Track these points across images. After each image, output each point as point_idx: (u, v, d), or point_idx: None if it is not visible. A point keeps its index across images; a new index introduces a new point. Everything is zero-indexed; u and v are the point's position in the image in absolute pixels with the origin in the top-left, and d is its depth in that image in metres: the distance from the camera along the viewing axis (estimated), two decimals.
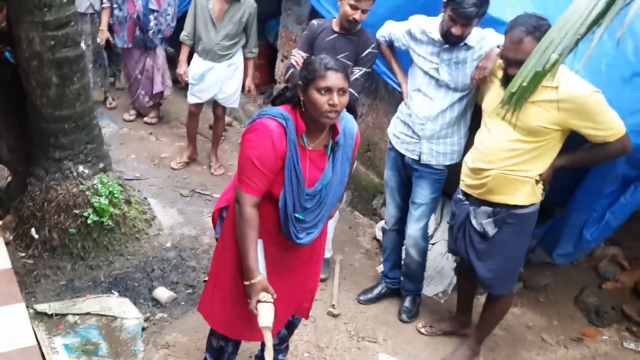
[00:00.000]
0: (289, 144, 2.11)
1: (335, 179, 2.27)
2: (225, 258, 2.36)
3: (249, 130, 2.14)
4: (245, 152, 2.12)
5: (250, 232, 2.14)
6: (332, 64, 2.08)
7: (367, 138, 4.59)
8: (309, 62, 2.13)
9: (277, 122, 2.10)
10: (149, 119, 5.75)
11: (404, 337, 3.37)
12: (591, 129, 2.51)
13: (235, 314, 2.39)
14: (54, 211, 3.50)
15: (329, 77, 2.05)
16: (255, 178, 2.11)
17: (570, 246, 3.14)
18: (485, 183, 2.72)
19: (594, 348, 3.47)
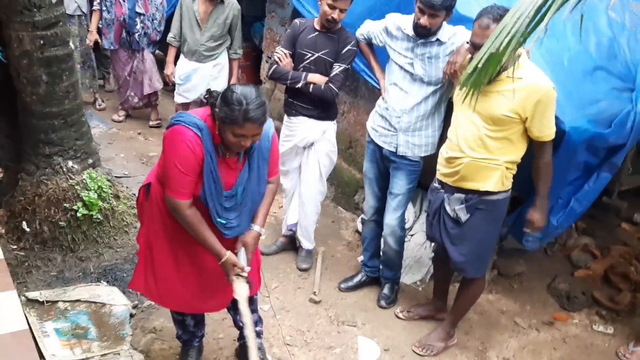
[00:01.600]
0: (205, 152, 2.24)
1: (253, 180, 2.42)
2: (156, 233, 2.48)
3: (167, 139, 2.25)
4: (168, 161, 2.24)
5: (199, 226, 2.32)
6: (252, 114, 2.11)
7: (348, 135, 4.74)
8: (230, 101, 2.12)
9: (192, 132, 2.20)
10: (153, 122, 5.86)
11: (382, 322, 3.51)
12: (537, 124, 2.69)
13: (182, 291, 2.54)
14: (44, 205, 3.62)
15: (246, 127, 2.15)
16: (184, 183, 2.25)
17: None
18: (458, 171, 2.88)
19: (564, 331, 3.63)
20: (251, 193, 2.44)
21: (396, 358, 3.23)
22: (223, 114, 2.14)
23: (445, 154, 2.98)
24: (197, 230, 2.32)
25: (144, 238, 2.57)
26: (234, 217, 2.41)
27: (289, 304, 3.54)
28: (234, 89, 2.17)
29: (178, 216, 2.31)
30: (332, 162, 3.86)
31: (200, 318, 2.84)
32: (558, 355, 3.42)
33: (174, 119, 2.27)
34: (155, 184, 2.44)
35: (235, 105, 2.11)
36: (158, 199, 2.41)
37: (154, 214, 2.45)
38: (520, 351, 3.41)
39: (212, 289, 2.54)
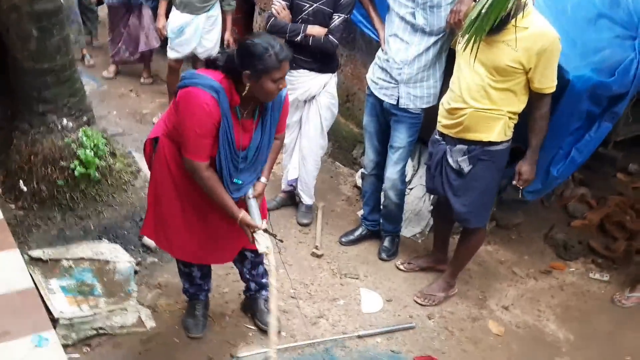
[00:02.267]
0: (222, 114, 2.24)
1: (264, 141, 2.45)
2: (164, 186, 2.50)
3: (181, 101, 2.24)
4: (185, 124, 2.24)
5: (217, 187, 2.35)
6: (284, 53, 2.18)
7: (346, 89, 4.69)
8: (257, 52, 2.15)
9: (210, 96, 2.19)
10: (144, 80, 5.78)
11: (384, 274, 3.56)
12: (539, 75, 2.68)
13: (190, 241, 2.57)
14: (40, 164, 3.57)
15: (283, 67, 2.19)
16: (202, 146, 2.26)
17: (539, 183, 3.31)
18: (461, 122, 2.86)
19: (561, 279, 3.70)
20: (262, 153, 2.47)
21: (398, 308, 3.29)
22: (261, 66, 2.15)
23: (447, 105, 2.96)
24: (215, 191, 2.34)
25: (152, 189, 2.58)
26: (246, 177, 2.44)
27: (292, 258, 3.57)
28: (249, 42, 2.19)
29: (196, 177, 2.32)
30: (334, 115, 3.83)
31: (207, 270, 2.85)
32: (555, 302, 3.50)
33: (187, 80, 2.25)
34: (163, 138, 2.42)
35: (266, 53, 2.15)
36: (166, 153, 2.41)
37: (162, 167, 2.45)
38: (518, 299, 3.49)
39: (219, 241, 2.55)
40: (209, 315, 2.98)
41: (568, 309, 3.46)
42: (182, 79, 2.28)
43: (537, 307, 3.44)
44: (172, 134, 2.38)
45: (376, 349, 2.97)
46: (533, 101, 2.83)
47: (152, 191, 2.59)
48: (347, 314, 3.19)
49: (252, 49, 2.16)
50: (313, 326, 3.08)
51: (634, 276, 3.69)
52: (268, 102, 2.34)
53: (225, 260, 2.77)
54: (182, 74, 2.34)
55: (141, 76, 5.83)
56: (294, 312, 3.14)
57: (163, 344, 2.81)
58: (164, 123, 2.43)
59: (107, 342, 2.76)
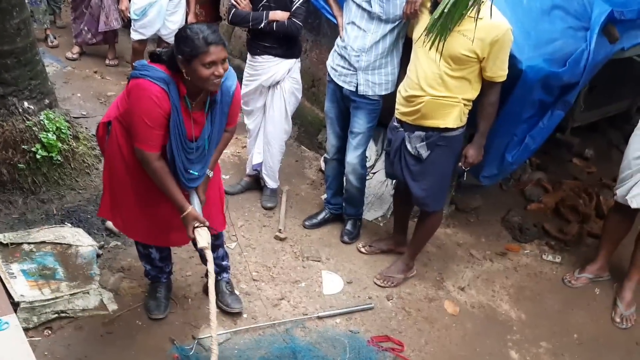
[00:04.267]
0: (172, 105, 2.29)
1: (215, 132, 2.50)
2: (119, 173, 2.53)
3: (132, 92, 2.27)
4: (135, 115, 2.28)
5: (166, 178, 2.39)
6: (213, 37, 2.20)
7: (311, 74, 4.73)
8: (187, 36, 2.19)
9: (159, 87, 2.24)
10: (110, 62, 5.71)
11: (345, 256, 3.65)
12: (491, 64, 2.78)
13: (144, 222, 2.61)
14: (1, 147, 3.53)
15: (211, 52, 2.20)
16: (152, 136, 2.30)
17: (495, 168, 3.43)
18: (419, 109, 2.94)
19: (516, 260, 3.85)
20: (213, 144, 2.52)
21: (358, 290, 3.38)
22: (186, 49, 2.18)
23: (404, 93, 3.03)
24: (164, 181, 2.38)
25: (106, 171, 2.62)
26: (199, 169, 2.49)
27: (255, 242, 3.63)
28: (182, 29, 2.26)
29: (146, 167, 2.36)
30: (298, 99, 3.87)
31: (166, 253, 2.89)
32: (509, 283, 3.64)
33: (138, 72, 2.27)
34: (115, 122, 2.44)
35: (194, 36, 2.18)
36: (118, 136, 2.44)
37: (114, 150, 2.48)
38: (474, 280, 3.62)
39: (175, 222, 2.57)
40: (171, 298, 3.03)
41: (521, 289, 3.60)
42: (134, 69, 2.31)
43: (492, 288, 3.57)
44: (123, 119, 2.40)
45: (335, 329, 3.06)
46: (484, 89, 2.92)
47: (106, 174, 2.62)
48: (308, 296, 3.27)
49: (182, 34, 2.21)
50: (274, 308, 3.15)
51: (585, 258, 3.85)
52: (216, 95, 2.38)
53: (182, 243, 2.79)
54: (135, 64, 2.36)
55: (106, 57, 5.76)
56: (256, 294, 3.20)
57: (125, 326, 2.84)
58: (116, 107, 2.45)
59: (69, 326, 2.79)
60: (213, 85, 2.28)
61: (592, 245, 4.03)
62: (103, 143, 2.58)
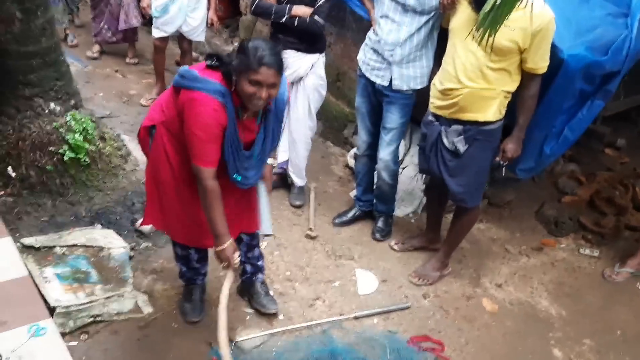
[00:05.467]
0: (229, 117, 2.22)
1: (268, 141, 2.45)
2: (165, 178, 2.47)
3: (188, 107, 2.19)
4: (192, 129, 2.20)
5: (215, 203, 2.31)
6: (268, 59, 2.12)
7: (336, 67, 4.65)
8: (245, 49, 2.14)
9: (217, 101, 2.18)
10: (130, 60, 5.68)
11: (378, 254, 3.58)
12: (533, 55, 2.69)
13: (188, 224, 2.56)
14: (29, 149, 3.50)
15: (261, 72, 2.13)
16: (209, 152, 2.24)
17: (532, 161, 3.33)
18: (457, 102, 2.85)
19: (552, 255, 3.76)
20: (266, 152, 2.49)
21: (393, 289, 3.32)
22: (239, 61, 2.13)
23: (440, 86, 2.94)
24: (212, 205, 2.30)
25: (150, 176, 2.56)
26: (253, 174, 2.46)
27: (286, 241, 3.57)
28: (246, 41, 2.20)
29: (200, 184, 2.29)
30: (322, 96, 3.79)
31: (204, 254, 2.84)
32: (547, 278, 3.55)
33: (190, 82, 2.19)
34: (161, 128, 2.39)
35: (251, 51, 2.12)
36: (165, 141, 2.39)
37: (160, 155, 2.42)
38: (511, 276, 3.53)
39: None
40: (206, 300, 2.98)
41: (560, 285, 3.51)
42: (183, 80, 2.22)
43: (530, 284, 3.49)
44: (170, 125, 2.35)
45: (373, 329, 2.99)
46: (524, 81, 2.83)
47: (150, 178, 2.56)
48: (343, 295, 3.21)
49: (243, 45, 2.16)
50: (310, 308, 3.09)
51: (623, 251, 3.75)
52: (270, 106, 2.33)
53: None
54: (181, 72, 2.27)
55: (126, 56, 5.73)
56: (290, 294, 3.15)
57: (161, 329, 2.80)
58: (161, 111, 2.39)
59: (105, 329, 2.75)
60: (253, 105, 2.22)
61: (630, 238, 3.93)
62: (146, 147, 2.53)
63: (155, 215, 2.62)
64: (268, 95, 2.17)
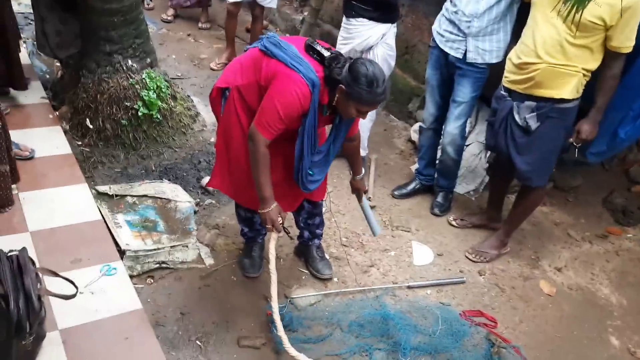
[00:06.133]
0: (311, 108, 2.26)
1: (338, 140, 2.51)
2: (234, 137, 2.52)
3: (280, 80, 2.22)
4: (274, 101, 2.23)
5: (263, 168, 2.36)
6: (381, 97, 2.17)
7: (405, 40, 4.60)
8: (362, 83, 2.12)
9: (308, 88, 2.21)
10: (202, 25, 5.83)
11: (436, 229, 3.57)
12: (619, 33, 2.58)
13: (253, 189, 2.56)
14: (106, 103, 3.68)
15: (374, 106, 2.23)
16: (275, 126, 2.27)
17: (604, 145, 3.22)
18: (533, 77, 2.77)
19: (617, 244, 3.63)
20: (334, 151, 2.54)
21: (449, 263, 3.31)
22: (351, 92, 2.16)
23: (516, 60, 2.86)
24: (262, 170, 2.35)
25: (220, 137, 2.61)
26: (317, 172, 2.51)
27: (344, 208, 3.61)
28: (364, 67, 2.15)
29: (252, 147, 2.33)
30: (390, 67, 3.76)
31: None
32: (610, 267, 3.45)
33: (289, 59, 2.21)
34: (235, 92, 2.42)
35: (366, 87, 2.13)
36: (237, 106, 2.42)
37: (232, 119, 2.47)
38: (572, 262, 3.45)
39: (283, 192, 2.58)
40: (264, 258, 3.07)
41: (623, 274, 3.40)
42: (278, 50, 2.24)
43: (591, 271, 3.40)
44: (246, 89, 2.38)
45: (426, 300, 3.01)
46: (607, 60, 2.72)
47: (220, 139, 2.61)
48: (398, 265, 3.24)
49: (359, 75, 2.13)
50: (364, 274, 3.14)
51: None
52: None
53: (287, 210, 2.79)
54: (275, 40, 2.28)
55: (199, 21, 5.86)
56: (345, 259, 3.20)
57: (221, 281, 2.92)
58: (239, 76, 2.41)
59: (169, 276, 2.89)
60: (350, 117, 2.31)
61: None
62: (217, 107, 2.56)
63: (222, 177, 2.67)
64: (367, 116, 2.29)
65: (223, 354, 2.53)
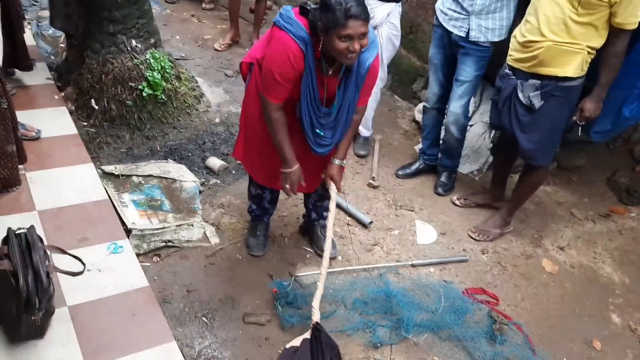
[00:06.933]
0: (306, 66, 2.25)
1: (345, 103, 2.43)
2: (252, 113, 2.54)
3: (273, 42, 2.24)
4: (269, 65, 2.27)
5: (280, 130, 2.40)
6: (354, 10, 2.08)
7: (409, 20, 4.57)
8: (329, 5, 2.09)
9: (298, 47, 2.20)
10: (206, 5, 5.81)
11: (439, 208, 3.59)
12: (623, 9, 2.55)
13: (269, 165, 2.64)
14: (111, 83, 3.69)
15: (350, 25, 2.10)
16: (277, 89, 2.30)
17: (608, 123, 3.22)
18: (537, 55, 2.76)
19: (621, 223, 3.65)
20: (344, 113, 2.47)
21: (452, 242, 3.33)
22: (325, 20, 2.12)
23: (520, 38, 2.85)
24: (278, 131, 2.39)
25: (244, 111, 2.66)
26: (329, 135, 2.49)
27: (348, 188, 3.63)
28: None
29: (265, 113, 2.38)
30: (395, 47, 3.76)
31: (276, 195, 2.93)
32: (613, 245, 3.46)
33: (283, 22, 2.22)
34: (256, 66, 2.44)
35: (336, 6, 2.09)
36: (257, 80, 2.43)
37: (252, 93, 2.49)
38: (575, 240, 3.47)
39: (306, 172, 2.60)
40: (269, 236, 3.10)
41: (626, 252, 3.42)
42: (280, 17, 2.25)
43: (594, 249, 3.42)
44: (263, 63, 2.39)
45: (429, 278, 3.04)
46: (611, 37, 2.70)
47: (243, 113, 2.65)
48: (402, 244, 3.26)
49: (326, 1, 2.12)
50: (368, 253, 3.17)
51: None
52: (354, 65, 2.30)
53: (306, 190, 2.80)
54: (282, 10, 2.29)
55: (203, 1, 5.84)
56: (350, 238, 3.22)
57: (227, 259, 2.96)
58: (259, 50, 2.43)
59: (175, 254, 2.93)
60: (347, 59, 2.21)
61: None
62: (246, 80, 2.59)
63: (241, 150, 2.71)
64: (360, 46, 2.16)
65: (229, 330, 2.58)
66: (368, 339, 2.63)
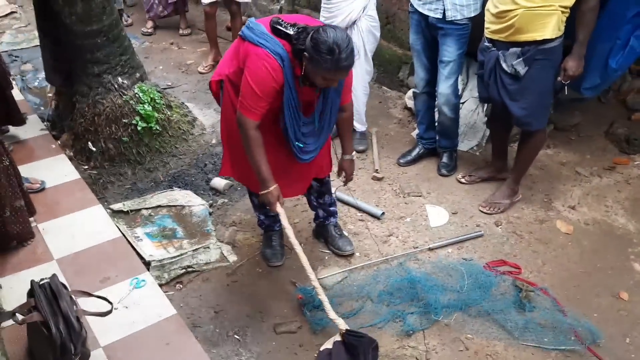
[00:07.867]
0: (285, 81, 2.28)
1: (327, 109, 2.49)
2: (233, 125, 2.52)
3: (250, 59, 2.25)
4: (248, 80, 2.27)
5: (257, 150, 2.39)
6: (344, 64, 2.12)
7: (384, 10, 4.61)
8: (323, 45, 2.09)
9: (276, 62, 2.23)
10: (183, 31, 5.86)
11: (446, 189, 3.62)
12: None
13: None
14: (104, 124, 3.74)
15: (338, 74, 2.19)
16: (257, 105, 2.30)
17: (597, 77, 3.25)
18: (512, 24, 2.79)
19: (626, 173, 3.67)
20: (327, 119, 2.53)
21: (465, 219, 3.36)
22: (314, 61, 2.15)
23: (493, 10, 2.89)
24: (255, 152, 2.39)
25: (223, 128, 2.68)
26: (312, 142, 2.54)
27: (354, 184, 3.66)
28: (325, 34, 2.12)
29: (242, 132, 2.37)
30: (376, 38, 3.79)
31: None
32: (623, 196, 3.49)
33: (257, 37, 2.24)
34: (227, 82, 2.48)
35: (327, 55, 2.10)
36: (231, 95, 2.48)
37: (229, 108, 2.53)
38: (584, 197, 3.49)
39: (292, 174, 2.64)
40: (284, 245, 3.13)
41: (636, 201, 3.45)
42: (250, 32, 2.27)
43: (605, 203, 3.44)
44: (234, 77, 2.42)
45: (448, 258, 3.07)
46: None
47: (224, 131, 2.68)
48: (416, 230, 3.29)
49: (319, 42, 2.11)
50: (384, 244, 3.19)
51: None
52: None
53: (298, 193, 2.86)
54: (249, 23, 2.31)
55: (179, 28, 5.89)
56: (364, 233, 3.26)
57: (248, 275, 2.99)
58: (227, 66, 2.47)
59: (197, 279, 2.96)
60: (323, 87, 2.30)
61: None
62: (218, 98, 2.64)
63: (229, 167, 2.76)
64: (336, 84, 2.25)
65: (262, 343, 2.60)
66: (399, 328, 2.66)
